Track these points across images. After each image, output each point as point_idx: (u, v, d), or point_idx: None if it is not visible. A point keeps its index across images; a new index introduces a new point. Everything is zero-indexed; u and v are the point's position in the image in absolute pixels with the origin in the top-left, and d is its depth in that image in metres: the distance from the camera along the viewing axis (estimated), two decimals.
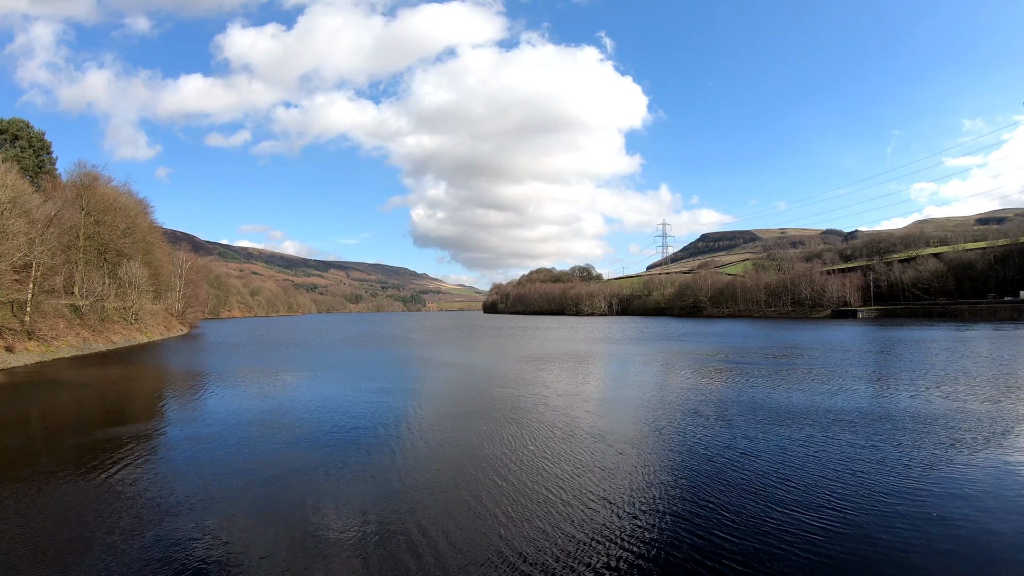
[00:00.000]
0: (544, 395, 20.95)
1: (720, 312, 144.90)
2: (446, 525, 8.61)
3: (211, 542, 8.02)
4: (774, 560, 7.37)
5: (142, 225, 69.55)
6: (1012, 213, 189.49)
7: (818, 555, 7.47)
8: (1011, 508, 8.95)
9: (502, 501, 9.64)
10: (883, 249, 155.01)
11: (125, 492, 10.16)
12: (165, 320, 71.17)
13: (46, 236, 40.59)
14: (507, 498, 9.80)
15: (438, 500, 9.75)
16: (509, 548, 7.81)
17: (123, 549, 7.79)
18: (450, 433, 15.12)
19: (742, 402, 18.74)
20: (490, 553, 7.68)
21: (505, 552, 7.70)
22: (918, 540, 7.83)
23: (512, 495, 9.95)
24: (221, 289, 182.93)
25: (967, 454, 11.95)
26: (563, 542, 7.98)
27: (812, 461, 11.71)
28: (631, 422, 16.24)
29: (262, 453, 12.96)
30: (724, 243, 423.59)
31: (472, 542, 8.04)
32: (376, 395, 21.39)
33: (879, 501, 9.30)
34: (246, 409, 18.83)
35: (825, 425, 14.98)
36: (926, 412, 16.27)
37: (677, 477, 10.89)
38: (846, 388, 21.21)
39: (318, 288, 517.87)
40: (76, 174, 60.67)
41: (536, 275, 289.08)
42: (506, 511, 9.19)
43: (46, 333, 38.62)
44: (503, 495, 9.96)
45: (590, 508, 9.27)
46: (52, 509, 9.31)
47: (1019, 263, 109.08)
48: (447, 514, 9.06)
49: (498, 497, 9.86)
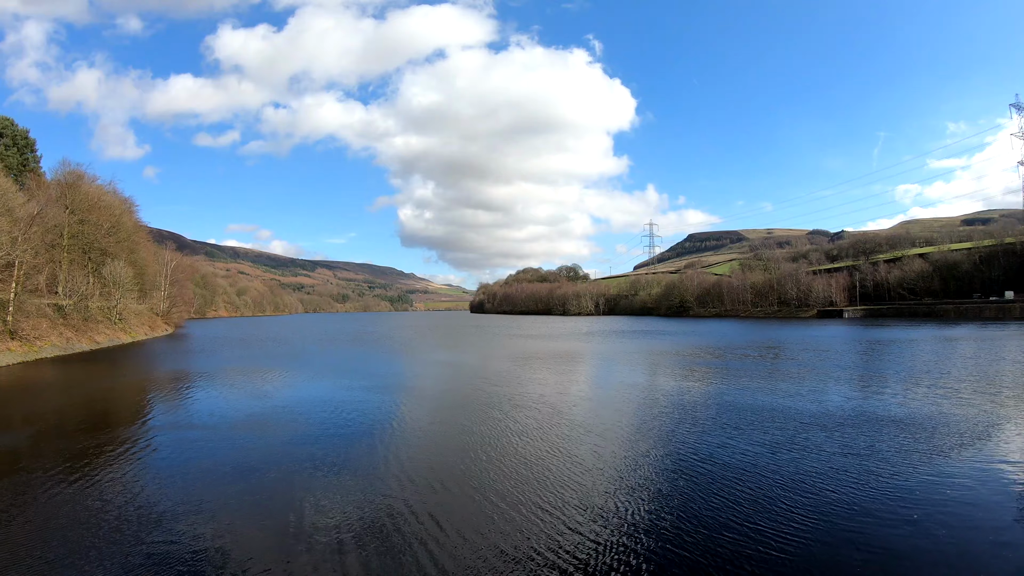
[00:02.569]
0: (528, 392, 20.99)
1: (706, 312, 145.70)
2: (439, 522, 8.59)
3: (200, 544, 7.94)
4: (751, 562, 7.38)
5: (127, 224, 68.71)
6: (998, 214, 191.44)
7: (794, 557, 7.50)
8: (992, 510, 9.02)
9: (493, 497, 9.64)
10: (869, 249, 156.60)
11: (110, 496, 10.01)
12: (150, 320, 70.42)
13: (29, 235, 39.99)
14: (499, 495, 9.80)
15: (428, 498, 9.70)
16: (504, 545, 7.81)
17: (109, 553, 7.69)
18: (439, 429, 15.16)
19: (721, 403, 18.80)
20: (484, 550, 7.67)
21: (500, 549, 7.69)
22: (898, 543, 7.86)
23: (504, 491, 9.95)
24: (207, 289, 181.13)
25: (947, 456, 12.03)
26: (547, 540, 7.99)
27: (788, 464, 11.74)
28: (612, 418, 16.28)
29: (251, 453, 12.84)
30: (711, 243, 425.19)
31: (465, 537, 8.02)
32: (363, 393, 21.29)
33: (857, 503, 9.32)
34: (233, 409, 18.66)
35: (801, 427, 15.04)
36: (906, 414, 16.34)
37: (655, 471, 10.94)
38: (825, 389, 21.38)
39: (305, 288, 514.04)
40: (60, 173, 59.99)
41: (523, 275, 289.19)
42: (498, 508, 9.17)
43: (29, 333, 38.05)
44: (495, 491, 9.95)
45: (567, 504, 9.29)
46: (37, 514, 9.16)
47: (1004, 263, 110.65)
48: (439, 511, 9.03)
49: (489, 493, 9.85)
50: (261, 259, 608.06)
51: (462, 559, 7.55)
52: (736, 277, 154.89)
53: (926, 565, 7.26)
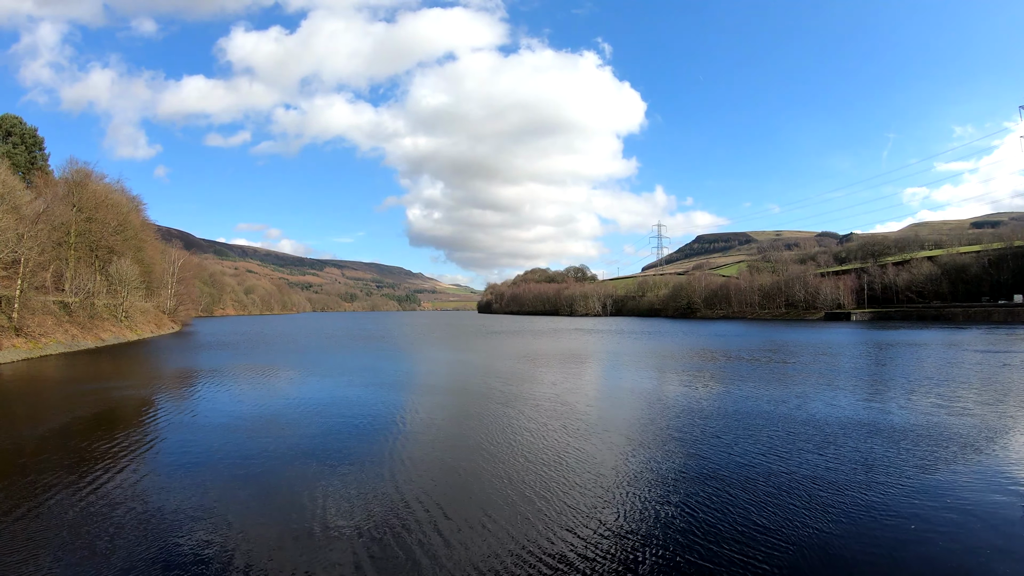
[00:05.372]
0: (535, 391, 20.95)
1: (714, 313, 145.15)
2: (447, 521, 8.51)
3: (207, 548, 7.86)
4: (745, 570, 7.29)
5: (134, 222, 69.18)
6: (1007, 217, 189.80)
7: (790, 564, 7.40)
8: (992, 519, 8.84)
9: (499, 500, 9.56)
10: (878, 252, 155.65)
11: (117, 497, 9.91)
12: (156, 318, 70.81)
13: (35, 232, 40.25)
14: (503, 496, 9.73)
15: (440, 498, 9.60)
16: (517, 546, 7.73)
17: (115, 555, 7.61)
18: (448, 427, 15.20)
19: (721, 407, 18.63)
20: (498, 551, 7.59)
21: (513, 549, 7.61)
22: (896, 551, 7.74)
23: (508, 494, 9.87)
24: (215, 287, 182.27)
25: (948, 463, 11.83)
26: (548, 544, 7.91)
27: (785, 469, 11.60)
28: (620, 418, 16.16)
29: (259, 451, 12.80)
30: (719, 245, 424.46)
31: (478, 536, 7.95)
32: (372, 391, 21.29)
33: (855, 511, 9.17)
34: (240, 407, 18.65)
35: (800, 433, 14.84)
36: (906, 420, 16.06)
37: (661, 474, 10.82)
38: (827, 394, 20.98)
39: (313, 287, 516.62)
40: (68, 171, 60.44)
41: (531, 275, 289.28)
42: (504, 513, 9.08)
43: (34, 330, 38.33)
44: (500, 493, 9.88)
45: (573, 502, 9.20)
46: (42, 515, 9.08)
47: (1013, 266, 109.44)
48: (450, 511, 8.95)
49: (494, 495, 9.78)
50: (269, 258, 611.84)
51: (476, 560, 7.48)
52: (744, 279, 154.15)
53: (926, 573, 7.15)
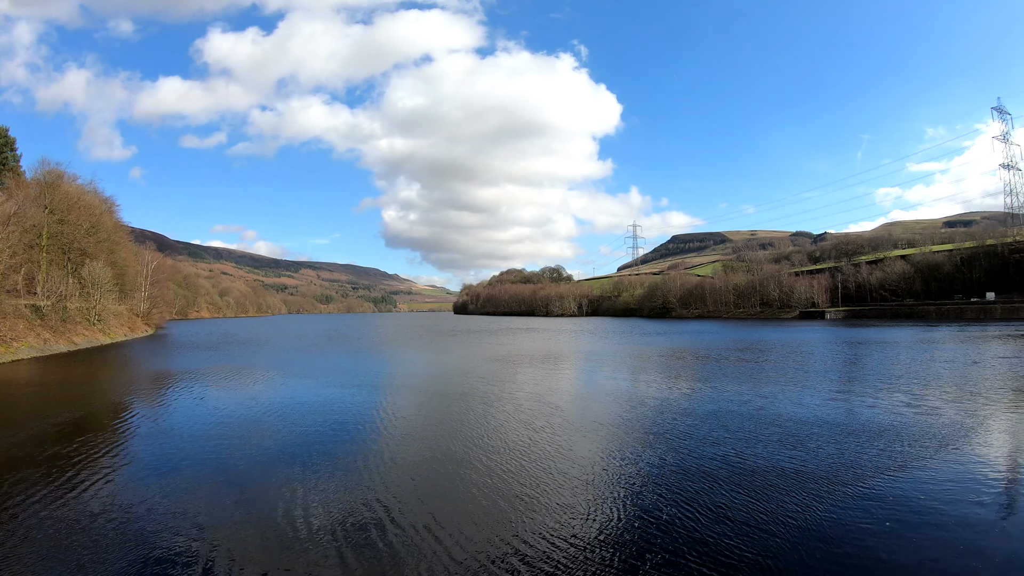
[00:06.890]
0: (513, 391, 21.01)
1: (689, 313, 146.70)
2: (430, 521, 8.52)
3: (187, 549, 7.79)
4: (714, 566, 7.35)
5: (107, 224, 67.64)
6: (979, 216, 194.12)
7: (756, 565, 7.37)
8: (966, 516, 8.86)
9: (481, 498, 9.61)
10: (851, 251, 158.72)
11: (91, 506, 9.73)
12: (129, 321, 69.34)
13: (6, 234, 39.22)
14: (485, 495, 9.78)
15: (421, 496, 9.62)
16: (498, 545, 7.79)
17: (89, 567, 7.49)
18: (427, 428, 15.11)
19: (693, 406, 18.75)
20: (480, 550, 7.63)
21: (494, 549, 7.66)
22: (870, 550, 7.72)
23: (489, 493, 9.92)
24: (189, 289, 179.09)
25: (921, 461, 11.81)
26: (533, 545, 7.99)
27: (756, 470, 11.64)
28: (595, 416, 16.29)
29: (235, 455, 12.64)
30: (694, 245, 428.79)
31: (462, 536, 7.97)
32: (349, 393, 21.12)
33: (830, 511, 9.10)
34: (215, 411, 18.31)
35: (770, 432, 14.93)
36: (878, 418, 16.01)
37: (631, 470, 10.97)
38: (798, 393, 20.98)
39: (288, 288, 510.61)
40: (40, 171, 58.71)
41: (507, 276, 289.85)
42: (487, 511, 9.16)
43: (5, 334, 37.28)
44: (482, 492, 9.92)
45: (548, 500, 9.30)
46: (15, 526, 8.88)
47: (985, 265, 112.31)
48: (433, 510, 8.96)
49: (476, 494, 9.82)
50: (244, 259, 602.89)
51: (460, 558, 7.51)
52: (719, 278, 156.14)
53: (900, 571, 7.17)
